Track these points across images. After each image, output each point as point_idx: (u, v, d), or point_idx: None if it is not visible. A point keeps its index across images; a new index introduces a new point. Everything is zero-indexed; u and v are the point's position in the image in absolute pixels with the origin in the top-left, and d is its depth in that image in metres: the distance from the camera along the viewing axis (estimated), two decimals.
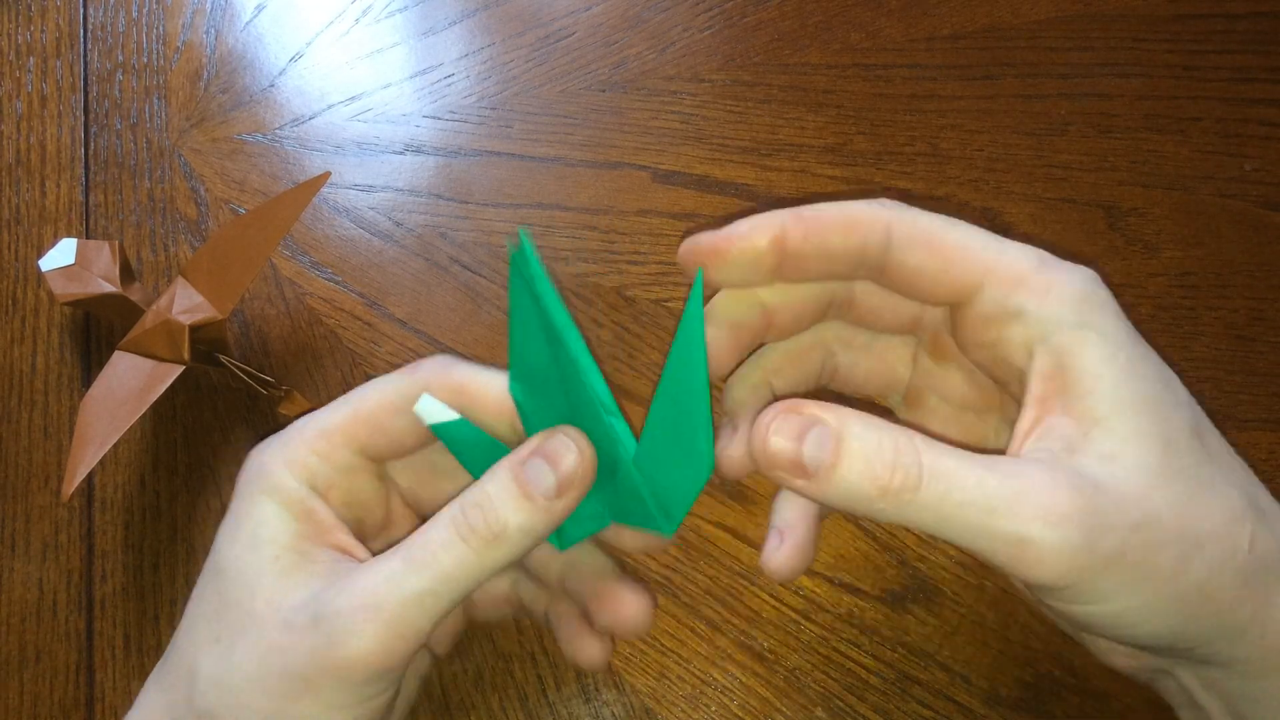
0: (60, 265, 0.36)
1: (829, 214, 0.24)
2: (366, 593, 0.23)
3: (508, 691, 0.34)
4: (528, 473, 0.24)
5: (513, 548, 0.24)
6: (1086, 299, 0.22)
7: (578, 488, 0.24)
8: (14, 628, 0.36)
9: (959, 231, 0.24)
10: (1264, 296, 0.40)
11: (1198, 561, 0.21)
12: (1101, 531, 0.20)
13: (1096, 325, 0.22)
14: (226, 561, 0.25)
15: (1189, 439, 0.22)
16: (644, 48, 0.46)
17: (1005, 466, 0.21)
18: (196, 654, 0.25)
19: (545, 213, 0.42)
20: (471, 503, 0.24)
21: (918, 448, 0.21)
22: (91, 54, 0.46)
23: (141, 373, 0.34)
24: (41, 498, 0.37)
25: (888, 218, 0.24)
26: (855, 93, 0.44)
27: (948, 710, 0.33)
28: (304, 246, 0.42)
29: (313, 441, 0.26)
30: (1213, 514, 0.21)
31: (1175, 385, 0.23)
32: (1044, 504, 0.20)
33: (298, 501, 0.25)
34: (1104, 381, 0.21)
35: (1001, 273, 0.23)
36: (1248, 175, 0.43)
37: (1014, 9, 0.46)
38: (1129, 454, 0.21)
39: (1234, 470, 0.23)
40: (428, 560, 0.23)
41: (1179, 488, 0.21)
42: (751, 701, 0.34)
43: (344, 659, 0.23)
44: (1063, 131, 0.44)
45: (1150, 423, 0.21)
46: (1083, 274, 0.23)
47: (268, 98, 0.45)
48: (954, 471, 0.20)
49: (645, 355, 0.39)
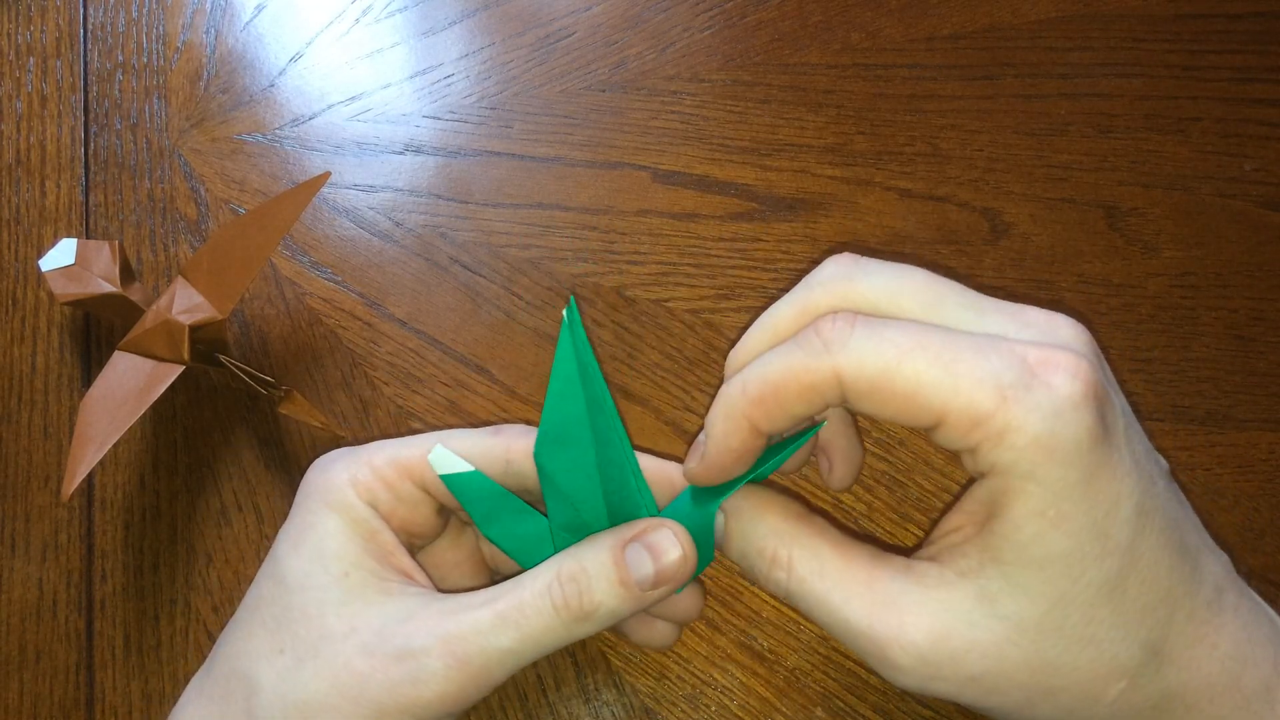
0: (60, 265, 0.36)
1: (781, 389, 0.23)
2: (454, 640, 0.24)
3: (508, 691, 0.34)
4: (630, 558, 0.25)
5: (598, 626, 0.25)
6: (1040, 445, 0.21)
7: (674, 583, 0.25)
8: (14, 628, 0.36)
9: (910, 366, 0.21)
10: (1264, 296, 0.40)
11: (1046, 706, 0.22)
12: (935, 681, 0.22)
13: (1040, 474, 0.21)
14: (290, 572, 0.25)
15: (1092, 596, 0.22)
16: (644, 48, 0.46)
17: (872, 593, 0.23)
18: (256, 664, 0.24)
19: (545, 213, 0.42)
20: (569, 576, 0.25)
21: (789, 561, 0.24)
22: (91, 54, 0.46)
23: (141, 373, 0.34)
24: (41, 498, 0.37)
25: (838, 372, 0.22)
26: (855, 93, 0.44)
27: (948, 710, 0.33)
28: (304, 246, 0.42)
29: (382, 468, 0.27)
30: (1078, 671, 0.22)
31: (1112, 529, 0.21)
32: (884, 651, 0.22)
33: (363, 521, 0.26)
34: (1021, 532, 0.22)
35: (955, 416, 0.21)
36: (1248, 175, 0.43)
37: (1014, 9, 0.46)
38: (1008, 603, 0.22)
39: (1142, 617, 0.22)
40: (519, 622, 0.24)
41: (1048, 647, 0.22)
42: (751, 701, 0.34)
43: (424, 699, 0.23)
44: (1063, 131, 0.44)
45: (1049, 579, 0.22)
46: (1051, 401, 0.21)
47: (268, 98, 0.45)
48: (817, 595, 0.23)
49: (645, 355, 0.39)
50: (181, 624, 0.35)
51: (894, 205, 0.42)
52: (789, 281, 0.41)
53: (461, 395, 0.39)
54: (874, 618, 0.23)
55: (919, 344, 0.22)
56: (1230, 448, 0.38)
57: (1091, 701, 0.22)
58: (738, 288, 0.41)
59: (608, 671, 0.34)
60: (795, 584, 0.23)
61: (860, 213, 0.42)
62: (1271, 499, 0.37)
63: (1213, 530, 0.25)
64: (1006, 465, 0.21)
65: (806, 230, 0.42)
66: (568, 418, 0.25)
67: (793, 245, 0.41)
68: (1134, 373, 0.39)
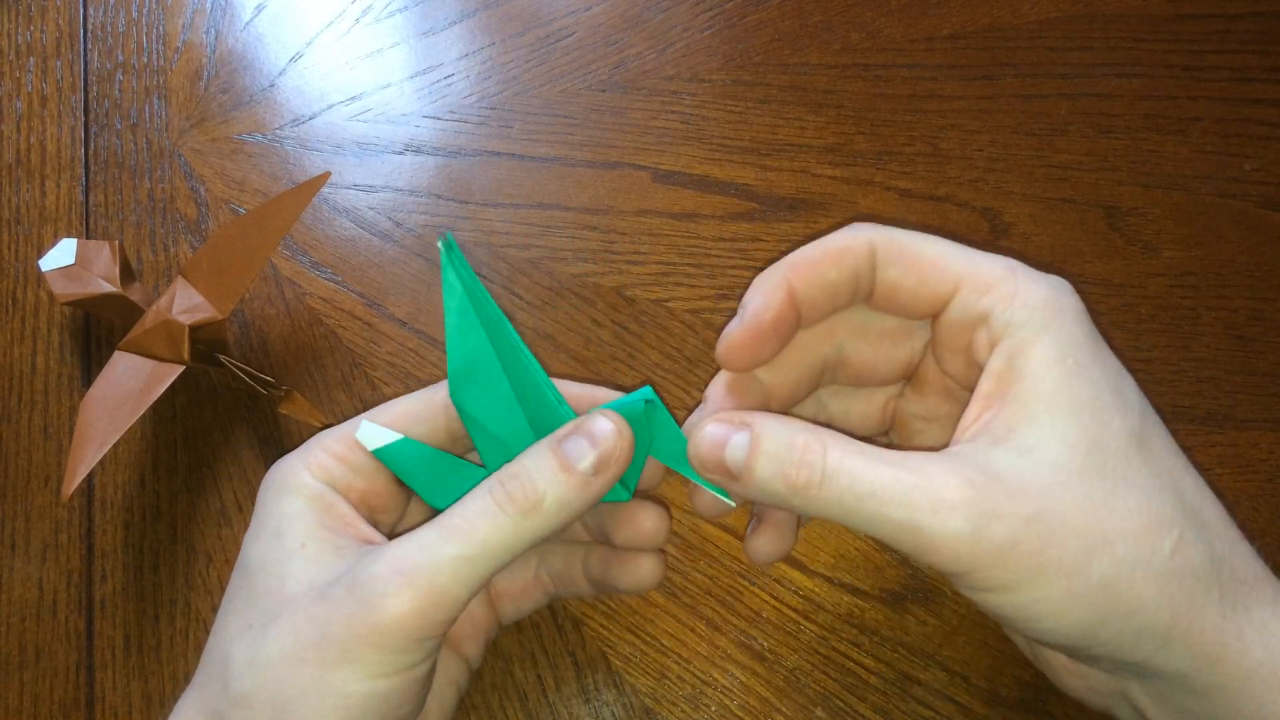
0: (60, 265, 0.36)
1: (820, 251, 0.26)
2: (402, 559, 0.23)
3: (508, 691, 0.34)
4: (567, 448, 0.25)
5: (548, 520, 0.24)
6: (1050, 304, 0.23)
7: (616, 465, 0.25)
8: (14, 628, 0.36)
9: (935, 245, 0.25)
10: (1264, 296, 0.40)
11: (1104, 559, 0.21)
12: (990, 520, 0.21)
13: (1054, 328, 0.23)
14: (252, 558, 0.26)
15: (1124, 443, 0.22)
16: (644, 48, 0.46)
17: (908, 462, 0.22)
18: (229, 645, 0.25)
19: (545, 213, 0.42)
20: (509, 474, 0.24)
21: (824, 446, 0.23)
22: (91, 54, 0.46)
23: (141, 373, 0.34)
24: (41, 498, 0.37)
25: (870, 238, 0.25)
26: (855, 93, 0.44)
27: (948, 710, 0.33)
28: (304, 246, 0.42)
29: (331, 446, 0.27)
30: (1130, 516, 0.22)
31: (1126, 392, 0.23)
32: (934, 494, 0.21)
33: (318, 496, 0.26)
34: (1045, 382, 0.22)
35: (972, 281, 0.24)
36: (1248, 175, 0.43)
37: (1014, 9, 0.46)
38: (1047, 450, 0.22)
39: (1175, 478, 0.23)
40: (464, 528, 0.24)
41: (1095, 487, 0.22)
42: (751, 701, 0.34)
43: (381, 623, 0.23)
44: (1063, 131, 0.44)
45: (1081, 424, 0.22)
46: (1051, 282, 0.24)
47: (268, 98, 0.45)
48: (855, 468, 0.22)
49: (645, 355, 0.39)
50: (181, 624, 0.35)
51: (894, 205, 0.42)
52: None
53: None
54: (920, 472, 0.22)
55: (934, 239, 0.25)
56: (1230, 448, 0.38)
57: (1149, 553, 0.21)
58: (738, 288, 0.41)
59: (608, 671, 0.34)
60: (832, 464, 0.22)
61: (860, 213, 0.42)
62: (1271, 499, 0.37)
63: None
64: (1021, 321, 0.23)
65: (806, 230, 0.42)
66: (471, 352, 0.25)
67: (793, 245, 0.41)
68: (1134, 373, 0.39)
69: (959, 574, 0.22)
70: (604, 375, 0.39)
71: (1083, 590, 0.21)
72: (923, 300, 0.25)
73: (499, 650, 0.34)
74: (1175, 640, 0.22)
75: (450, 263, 0.25)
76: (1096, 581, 0.21)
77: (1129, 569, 0.21)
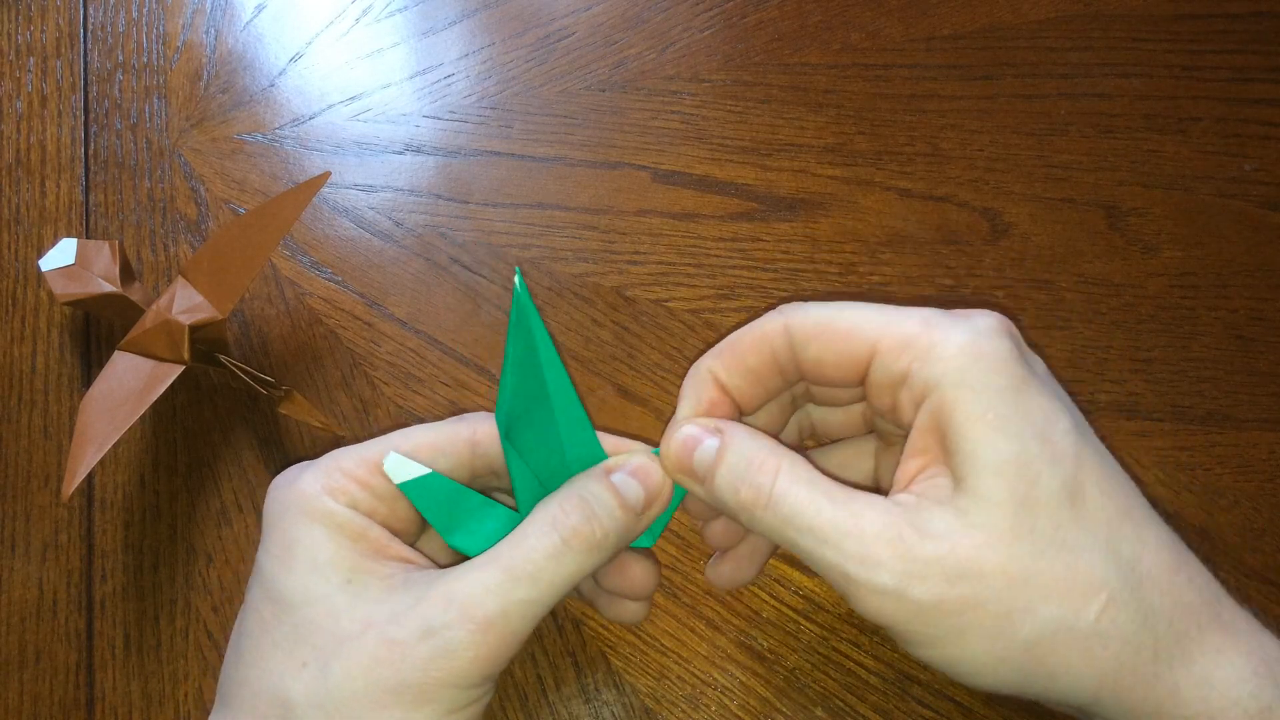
0: (60, 265, 0.36)
1: (738, 341, 0.26)
2: (473, 606, 0.24)
3: (508, 691, 0.34)
4: (620, 483, 0.25)
5: (604, 555, 0.25)
6: (967, 354, 0.23)
7: (662, 502, 0.26)
8: (14, 628, 0.36)
9: (850, 313, 0.25)
10: (1264, 296, 0.40)
11: (1027, 623, 0.22)
12: (914, 580, 0.22)
13: (972, 382, 0.23)
14: (289, 591, 0.25)
15: (1054, 499, 0.22)
16: (644, 48, 0.46)
17: (852, 504, 0.23)
18: (283, 682, 0.24)
19: (545, 213, 0.42)
20: (572, 508, 0.25)
21: (777, 470, 0.23)
22: (91, 54, 0.46)
23: (141, 373, 0.34)
24: (41, 498, 0.37)
25: (787, 321, 0.26)
26: (855, 93, 0.44)
27: (948, 710, 0.33)
28: (304, 246, 0.42)
29: (353, 470, 0.26)
30: (1055, 579, 0.22)
31: (1056, 438, 0.23)
32: (864, 547, 0.22)
33: (348, 524, 0.25)
34: (968, 441, 0.22)
35: (888, 341, 0.24)
36: (1248, 175, 0.43)
37: (1014, 9, 0.46)
38: (979, 513, 0.22)
39: (1110, 531, 0.23)
40: (532, 572, 0.24)
41: (1023, 549, 0.22)
42: (751, 701, 0.34)
43: (459, 669, 0.23)
44: (1063, 131, 0.44)
45: (1008, 484, 0.22)
46: (970, 326, 0.24)
47: (268, 98, 0.45)
48: (798, 500, 0.23)
49: (645, 355, 0.39)
50: (181, 624, 0.35)
51: (894, 205, 0.42)
52: (789, 281, 0.41)
53: (461, 395, 0.39)
54: (857, 518, 0.22)
55: (854, 306, 0.25)
56: (1230, 448, 0.38)
57: (1074, 616, 0.22)
58: (738, 288, 0.41)
59: (608, 671, 0.34)
60: (779, 490, 0.23)
61: (860, 213, 0.42)
62: (1271, 499, 0.37)
63: (1213, 530, 0.25)
64: (938, 377, 0.23)
65: (806, 230, 0.42)
66: (529, 392, 0.25)
67: (793, 245, 0.41)
68: (1134, 373, 0.39)
69: (885, 627, 0.23)
70: (604, 375, 0.39)
71: (1004, 653, 0.22)
72: (845, 370, 0.26)
73: None
74: (1104, 698, 0.22)
75: (522, 299, 0.24)
76: (1019, 644, 0.22)
77: (1052, 632, 0.22)
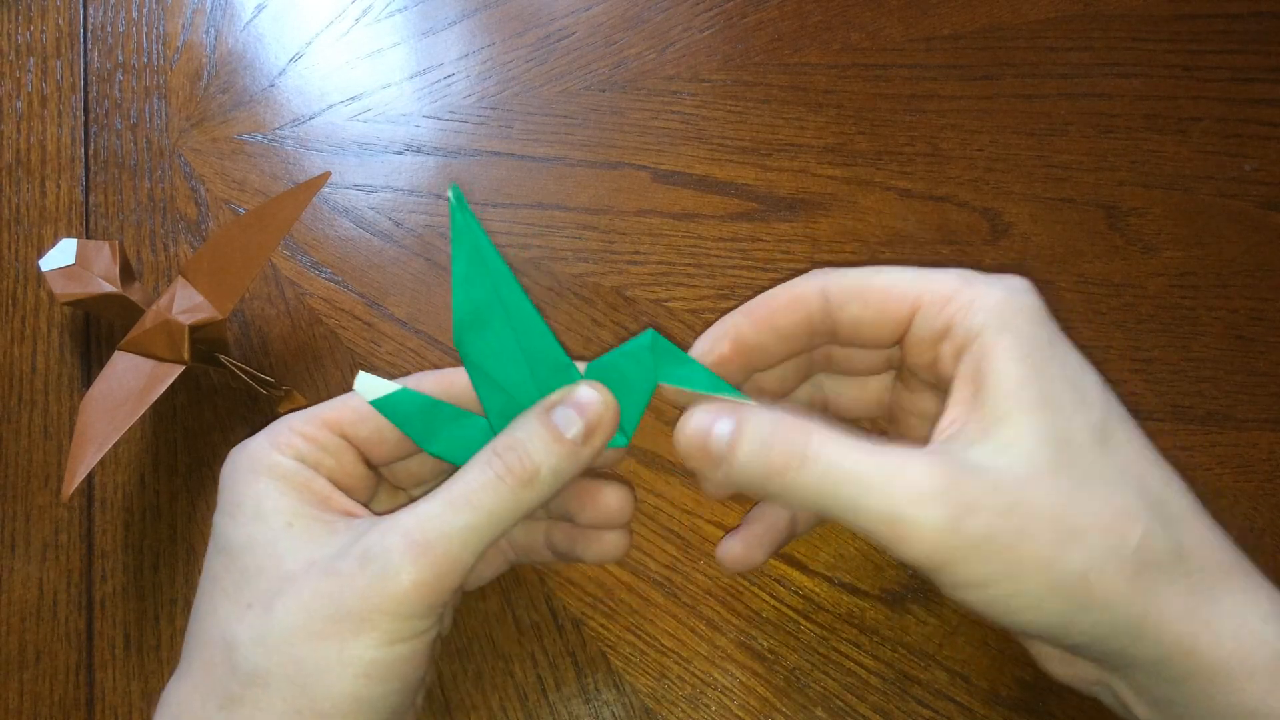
0: (60, 265, 0.36)
1: (771, 299, 0.27)
2: (414, 530, 0.24)
3: (508, 691, 0.34)
4: (556, 417, 0.25)
5: (544, 489, 0.25)
6: (1007, 306, 0.24)
7: (604, 433, 0.26)
8: (14, 628, 0.36)
9: (886, 274, 0.26)
10: (1264, 296, 0.40)
11: (1076, 551, 0.22)
12: (967, 512, 0.21)
13: (1013, 329, 0.24)
14: (235, 539, 0.25)
15: (1089, 438, 0.23)
16: (644, 48, 0.46)
17: (889, 453, 0.23)
18: (228, 626, 0.24)
19: (545, 213, 0.42)
20: (504, 446, 0.25)
21: (807, 432, 0.23)
22: (91, 54, 0.46)
23: (141, 373, 0.34)
24: (41, 498, 0.37)
25: (820, 283, 0.26)
26: (855, 93, 0.44)
27: (948, 710, 0.33)
28: (304, 246, 0.42)
29: (299, 426, 0.27)
30: (1098, 508, 0.22)
31: (1087, 388, 0.24)
32: (912, 484, 0.22)
33: (293, 474, 0.26)
34: (1010, 379, 0.23)
35: (929, 298, 0.25)
36: (1248, 175, 0.43)
37: (1014, 9, 0.46)
38: (1020, 447, 0.22)
39: (1139, 472, 0.23)
40: (469, 501, 0.24)
41: (1064, 481, 0.22)
42: (751, 701, 0.34)
43: (398, 592, 0.23)
44: (1063, 131, 0.44)
45: (1047, 421, 0.23)
46: (1007, 284, 0.25)
47: (268, 98, 0.45)
48: (835, 454, 0.23)
49: None
50: (181, 624, 0.35)
51: (894, 205, 0.42)
52: None
53: None
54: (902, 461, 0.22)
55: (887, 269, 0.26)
56: (1230, 448, 0.38)
57: (1119, 542, 0.22)
58: (738, 288, 0.41)
59: (608, 671, 0.34)
60: (813, 448, 0.23)
61: (860, 213, 0.42)
62: (1271, 499, 0.37)
63: None
64: (981, 325, 0.24)
65: (806, 230, 0.42)
66: (478, 299, 0.25)
67: (793, 245, 0.41)
68: (1134, 373, 0.39)
69: (935, 568, 0.22)
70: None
71: (1059, 582, 0.22)
72: (885, 329, 0.26)
73: (499, 650, 0.34)
74: (1148, 631, 0.22)
75: (460, 211, 0.25)
76: (1073, 573, 0.22)
77: (1101, 560, 0.22)
